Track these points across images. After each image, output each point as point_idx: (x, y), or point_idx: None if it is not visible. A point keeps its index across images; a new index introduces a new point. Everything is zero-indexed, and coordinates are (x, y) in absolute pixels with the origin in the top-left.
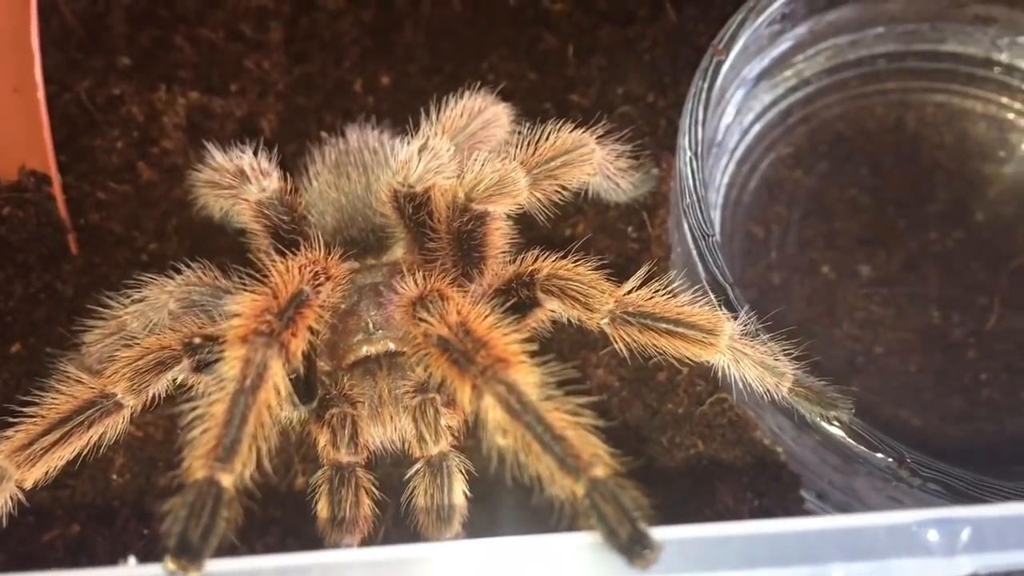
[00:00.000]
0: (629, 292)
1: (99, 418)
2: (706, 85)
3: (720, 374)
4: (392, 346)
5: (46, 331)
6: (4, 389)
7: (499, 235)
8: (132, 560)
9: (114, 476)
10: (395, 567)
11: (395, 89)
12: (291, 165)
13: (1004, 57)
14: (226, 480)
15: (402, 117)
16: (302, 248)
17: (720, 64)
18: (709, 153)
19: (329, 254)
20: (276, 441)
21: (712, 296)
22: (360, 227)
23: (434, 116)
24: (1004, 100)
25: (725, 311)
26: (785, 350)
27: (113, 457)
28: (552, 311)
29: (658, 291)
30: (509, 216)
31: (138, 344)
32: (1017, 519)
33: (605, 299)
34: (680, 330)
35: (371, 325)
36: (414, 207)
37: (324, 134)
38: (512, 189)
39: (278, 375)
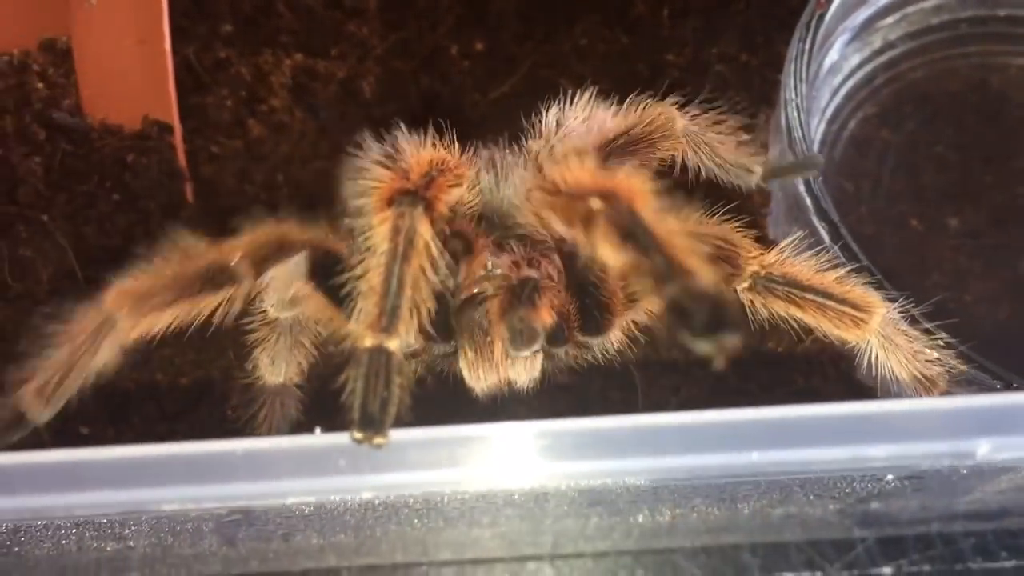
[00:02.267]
0: (776, 258)
1: (212, 289)
2: (807, 45)
3: None
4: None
5: None
6: None
7: None
8: (318, 431)
9: None
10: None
11: (488, 54)
12: (390, 124)
13: None
14: (393, 345)
15: (496, 81)
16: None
17: (823, 16)
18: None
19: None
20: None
21: (823, 233)
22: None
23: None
24: None
25: (842, 258)
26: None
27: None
28: None
29: (807, 261)
30: None
31: (262, 229)
32: None
33: (750, 262)
34: (829, 304)
35: (490, 264)
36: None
37: None
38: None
39: (427, 235)
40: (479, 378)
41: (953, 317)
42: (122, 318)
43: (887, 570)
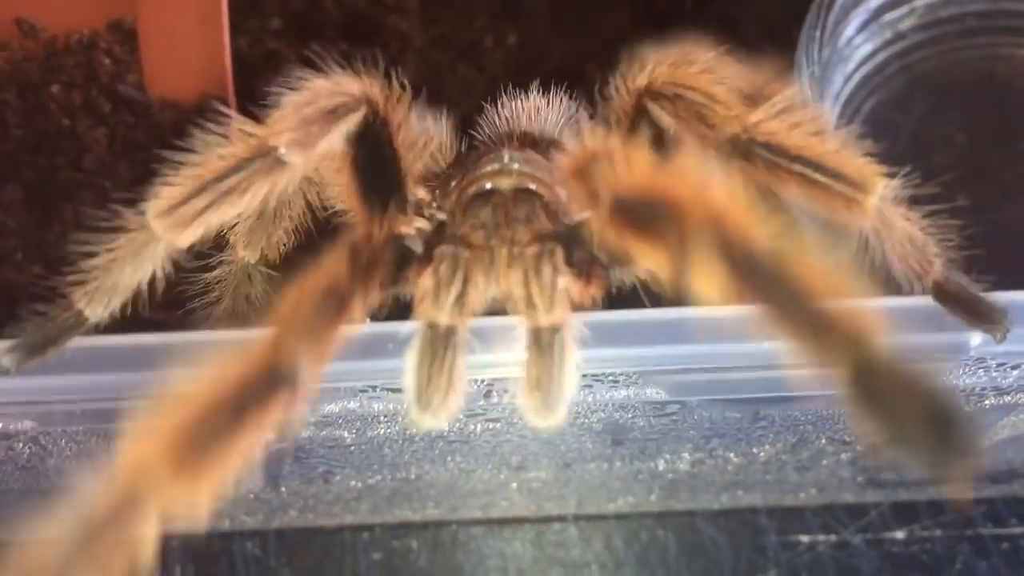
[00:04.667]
0: (762, 117)
1: (258, 178)
2: (818, 32)
3: None
4: (532, 186)
5: None
6: None
7: None
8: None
9: None
10: None
11: (521, 47)
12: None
13: None
14: None
15: (529, 71)
16: None
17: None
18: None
19: None
20: None
21: None
22: None
23: None
24: None
25: None
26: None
27: None
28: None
29: (800, 123)
30: None
31: (307, 88)
32: None
33: (729, 120)
34: (820, 178)
35: (508, 158)
36: None
37: None
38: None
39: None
40: (477, 292)
41: None
42: (165, 233)
43: (900, 534)
